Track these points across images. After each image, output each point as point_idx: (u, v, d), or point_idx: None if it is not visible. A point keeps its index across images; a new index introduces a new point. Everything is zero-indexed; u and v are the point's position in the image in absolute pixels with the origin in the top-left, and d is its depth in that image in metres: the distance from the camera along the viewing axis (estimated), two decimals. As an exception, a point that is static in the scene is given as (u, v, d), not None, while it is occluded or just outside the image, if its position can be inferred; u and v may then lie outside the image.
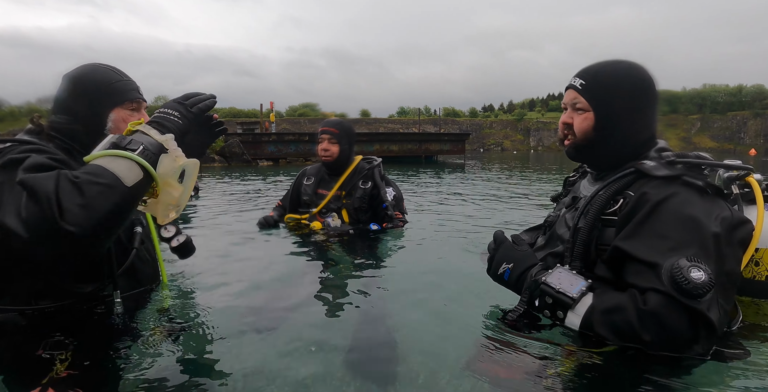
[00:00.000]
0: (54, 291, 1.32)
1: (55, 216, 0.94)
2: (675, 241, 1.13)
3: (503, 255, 1.43)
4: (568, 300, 1.19)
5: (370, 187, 2.93)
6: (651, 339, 1.07)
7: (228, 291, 1.83)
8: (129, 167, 1.06)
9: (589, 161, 1.50)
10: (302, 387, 1.11)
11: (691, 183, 1.21)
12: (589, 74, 1.38)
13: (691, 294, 1.04)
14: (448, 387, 1.13)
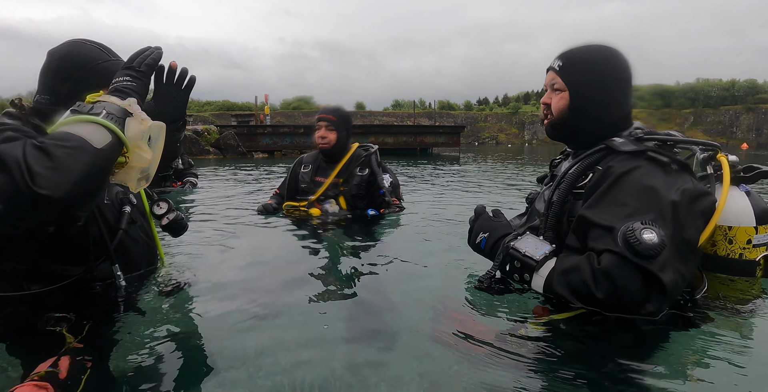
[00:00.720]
0: (43, 275, 1.30)
1: (27, 183, 0.91)
2: (633, 208, 1.20)
3: (480, 226, 1.56)
4: (532, 262, 1.30)
5: (367, 174, 2.99)
6: (604, 297, 1.13)
7: (229, 273, 1.87)
8: (95, 130, 1.03)
9: (565, 139, 1.57)
10: (300, 365, 1.13)
11: (654, 158, 1.30)
12: (567, 56, 1.46)
13: (643, 254, 1.10)
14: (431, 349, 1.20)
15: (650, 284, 1.12)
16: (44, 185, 0.91)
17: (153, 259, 1.66)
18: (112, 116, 1.06)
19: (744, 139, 64.90)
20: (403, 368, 1.12)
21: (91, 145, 1.00)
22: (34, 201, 0.92)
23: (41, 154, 0.94)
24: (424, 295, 1.60)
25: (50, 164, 0.93)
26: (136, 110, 1.12)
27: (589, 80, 1.42)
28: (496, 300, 1.46)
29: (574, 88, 1.44)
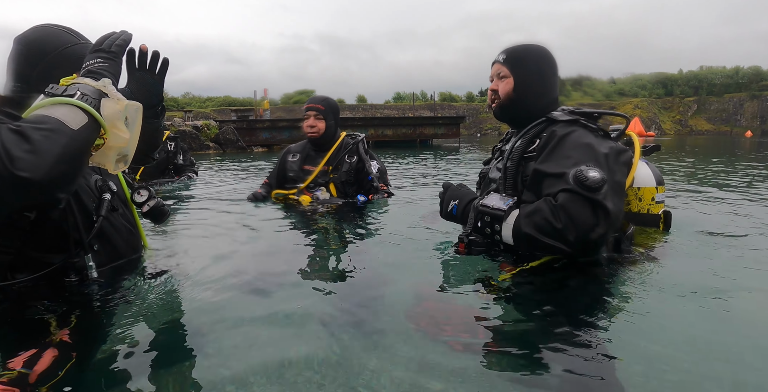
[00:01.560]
0: (28, 264, 1.30)
1: (6, 166, 0.91)
2: (576, 159, 1.50)
3: (450, 195, 1.81)
4: (500, 212, 1.54)
5: (355, 161, 3.03)
6: (562, 226, 1.38)
7: (217, 260, 1.89)
8: (70, 111, 1.03)
9: (511, 117, 1.87)
10: (287, 349, 1.17)
11: (586, 125, 1.68)
12: (510, 51, 1.80)
13: (591, 188, 1.38)
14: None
15: (597, 211, 1.39)
16: (23, 168, 0.92)
17: (137, 247, 1.65)
18: (87, 97, 1.06)
19: (748, 126, 64.40)
20: (391, 351, 1.16)
21: (68, 126, 1.00)
22: (15, 184, 0.92)
23: (18, 137, 0.94)
24: (406, 280, 1.70)
25: (28, 147, 0.93)
26: (111, 90, 1.12)
27: (527, 68, 1.76)
28: (467, 273, 1.63)
29: (517, 74, 1.76)
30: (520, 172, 1.68)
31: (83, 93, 1.06)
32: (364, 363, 1.11)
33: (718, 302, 1.40)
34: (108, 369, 1.11)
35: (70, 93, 1.05)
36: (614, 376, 1.03)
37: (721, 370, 1.07)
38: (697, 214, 2.81)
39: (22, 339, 1.18)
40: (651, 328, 1.25)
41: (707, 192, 3.92)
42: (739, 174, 5.74)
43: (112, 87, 1.13)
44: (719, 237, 2.16)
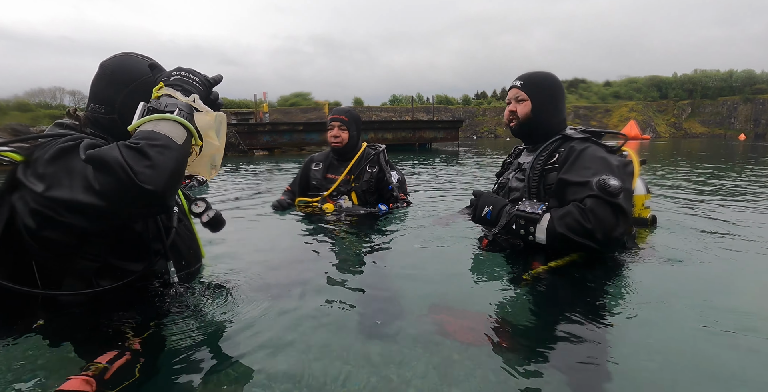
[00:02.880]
0: (111, 272, 1.36)
1: (133, 180, 1.01)
2: (595, 169, 1.79)
3: (484, 202, 2.04)
4: (536, 216, 1.80)
5: (376, 171, 3.16)
6: (592, 226, 1.66)
7: (258, 269, 2.00)
8: (173, 127, 1.14)
9: (527, 135, 2.14)
10: (313, 354, 1.30)
11: (596, 141, 1.98)
12: (525, 77, 2.08)
13: (613, 193, 1.67)
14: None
15: (618, 213, 1.68)
16: (146, 181, 1.02)
17: (199, 256, 1.74)
18: (183, 112, 1.17)
19: (742, 129, 64.96)
20: (410, 354, 1.30)
21: (175, 141, 1.12)
22: (140, 196, 1.03)
23: (137, 154, 1.04)
24: (425, 288, 1.82)
25: (148, 162, 1.04)
26: (200, 105, 1.25)
27: (543, 92, 2.05)
28: (492, 273, 1.90)
29: (534, 98, 2.04)
30: (543, 182, 1.95)
31: (180, 109, 1.18)
32: (388, 365, 1.24)
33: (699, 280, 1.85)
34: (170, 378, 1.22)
35: (171, 109, 1.17)
36: (607, 376, 1.19)
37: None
38: (679, 215, 3.05)
39: (104, 341, 1.27)
40: (651, 320, 1.49)
41: (688, 196, 4.09)
42: (723, 181, 5.91)
43: (200, 102, 1.25)
44: (698, 232, 2.59)
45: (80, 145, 1.16)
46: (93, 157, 1.05)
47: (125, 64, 1.43)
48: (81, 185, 1.08)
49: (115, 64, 1.43)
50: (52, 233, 1.20)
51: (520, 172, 2.10)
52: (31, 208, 1.16)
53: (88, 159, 1.06)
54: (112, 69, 1.42)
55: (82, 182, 1.08)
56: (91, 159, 1.06)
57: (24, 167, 1.21)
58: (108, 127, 1.41)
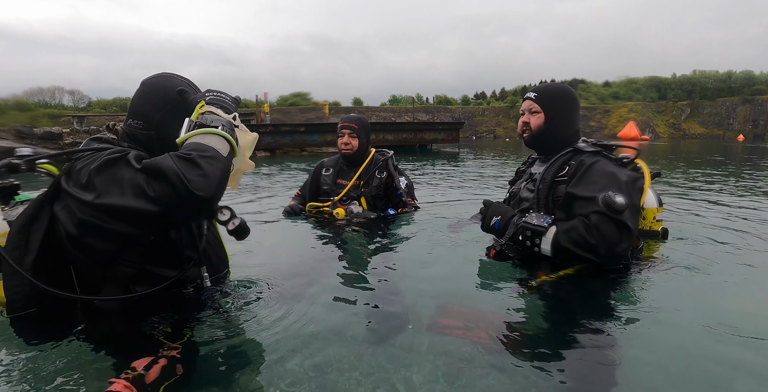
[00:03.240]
0: (147, 278, 1.42)
1: (187, 187, 1.10)
2: (602, 185, 1.81)
3: (493, 212, 2.10)
4: (542, 229, 1.84)
5: (385, 177, 3.25)
6: (596, 242, 1.70)
7: (276, 273, 2.08)
8: (219, 141, 1.24)
9: (539, 146, 2.17)
10: (330, 353, 1.41)
11: (607, 155, 1.98)
12: (540, 90, 2.12)
13: (618, 211, 1.70)
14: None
15: (622, 230, 1.71)
16: (199, 188, 1.12)
17: (226, 262, 1.80)
18: (226, 129, 1.27)
19: (740, 130, 65.09)
20: (418, 357, 1.39)
21: (221, 153, 1.22)
22: (192, 202, 1.13)
23: (190, 164, 1.14)
24: (433, 290, 1.94)
25: (200, 172, 1.13)
26: (239, 123, 1.35)
27: (556, 105, 2.08)
28: (499, 278, 1.99)
29: (547, 110, 2.07)
30: (552, 194, 1.99)
31: (223, 125, 1.27)
32: (398, 363, 1.35)
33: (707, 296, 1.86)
34: (202, 383, 1.30)
35: (216, 125, 1.27)
36: (613, 375, 1.28)
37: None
38: (688, 225, 3.09)
39: (140, 345, 1.34)
40: (658, 331, 1.55)
41: (695, 203, 4.19)
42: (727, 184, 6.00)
43: (239, 120, 1.36)
44: (706, 240, 2.63)
45: (128, 156, 1.23)
46: (150, 166, 1.14)
47: (165, 85, 1.51)
48: (132, 192, 1.15)
49: (156, 84, 1.52)
50: (94, 240, 1.28)
51: (531, 182, 2.13)
52: (77, 217, 1.23)
53: (145, 168, 1.15)
54: (152, 88, 1.51)
55: (132, 190, 1.15)
56: (147, 167, 1.14)
57: (66, 178, 1.28)
58: (144, 141, 1.49)
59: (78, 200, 1.22)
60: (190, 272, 1.55)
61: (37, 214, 1.32)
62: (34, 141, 11.00)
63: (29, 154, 1.49)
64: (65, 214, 1.27)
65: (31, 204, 1.35)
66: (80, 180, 1.23)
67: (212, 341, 1.47)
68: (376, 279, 2.06)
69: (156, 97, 1.49)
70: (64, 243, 1.31)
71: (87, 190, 1.21)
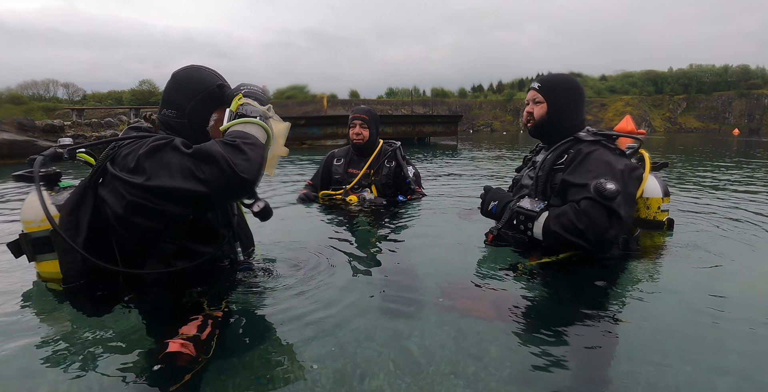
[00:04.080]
0: (187, 253, 1.56)
1: (234, 170, 1.22)
2: (597, 173, 1.83)
3: (491, 197, 2.20)
4: (534, 213, 1.90)
5: (394, 166, 3.44)
6: (584, 227, 1.72)
7: (295, 253, 2.27)
8: (258, 130, 1.37)
9: (543, 136, 2.22)
10: (345, 327, 1.53)
11: (606, 145, 2.00)
12: (544, 80, 2.16)
13: (608, 197, 1.71)
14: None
15: (612, 216, 1.73)
16: (244, 171, 1.24)
17: (252, 240, 1.99)
18: (262, 118, 1.40)
19: (736, 124, 65.23)
20: (428, 323, 1.57)
21: (260, 140, 1.35)
22: (239, 184, 1.25)
23: (235, 150, 1.26)
24: (441, 266, 2.13)
25: (244, 156, 1.26)
26: (273, 114, 1.48)
27: (559, 96, 2.11)
28: (497, 261, 2.11)
29: (550, 101, 2.11)
30: (550, 181, 2.05)
31: (260, 115, 1.41)
32: (411, 333, 1.50)
33: (702, 286, 1.88)
34: (239, 340, 1.49)
35: (254, 115, 1.41)
36: (614, 348, 1.40)
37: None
38: (688, 214, 3.27)
39: (184, 314, 1.46)
40: (649, 310, 1.66)
41: (697, 194, 4.38)
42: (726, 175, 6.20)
43: (273, 111, 1.51)
44: (708, 229, 2.73)
45: (173, 141, 1.33)
46: (200, 150, 1.26)
47: (195, 76, 1.62)
48: (180, 175, 1.26)
49: (187, 75, 1.62)
50: (141, 219, 1.40)
51: (533, 170, 2.19)
52: (126, 199, 1.34)
53: (195, 152, 1.26)
54: (184, 79, 1.61)
55: (181, 172, 1.26)
56: (198, 152, 1.26)
57: (112, 163, 1.41)
58: (178, 130, 1.59)
59: (127, 183, 1.32)
60: (225, 248, 1.72)
61: (82, 198, 1.47)
62: (36, 133, 11.06)
63: (71, 143, 1.64)
64: (113, 197, 1.39)
65: (76, 190, 1.49)
66: (128, 164, 1.34)
67: (246, 308, 1.65)
68: (388, 260, 2.25)
69: (188, 88, 1.59)
70: (109, 224, 1.45)
71: (136, 173, 1.31)
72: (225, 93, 1.60)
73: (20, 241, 1.64)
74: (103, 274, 1.50)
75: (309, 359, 1.36)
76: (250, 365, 1.34)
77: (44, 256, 1.64)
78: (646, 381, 1.24)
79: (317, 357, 1.37)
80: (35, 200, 1.55)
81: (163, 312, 1.56)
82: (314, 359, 1.36)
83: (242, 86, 1.56)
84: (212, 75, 1.65)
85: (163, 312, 1.56)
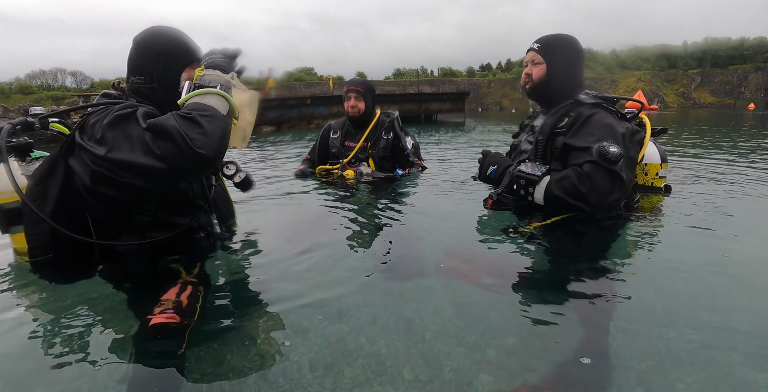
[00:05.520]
0: (161, 225, 1.51)
1: (189, 145, 1.14)
2: (599, 136, 1.79)
3: (489, 161, 2.15)
4: (535, 178, 1.87)
5: (391, 138, 3.32)
6: (586, 190, 1.70)
7: (287, 225, 2.24)
8: (218, 100, 1.27)
9: (541, 98, 2.15)
10: (344, 295, 1.51)
11: (607, 108, 1.96)
12: (543, 40, 2.09)
13: (611, 160, 1.69)
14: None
15: (614, 180, 1.70)
16: (201, 146, 1.16)
17: (232, 212, 1.92)
18: (224, 88, 1.31)
19: (752, 98, 63.85)
20: (424, 290, 1.53)
21: (220, 112, 1.25)
22: (196, 159, 1.17)
23: (191, 123, 1.18)
24: (439, 238, 2.06)
25: (201, 130, 1.17)
26: (237, 82, 1.38)
27: (558, 56, 2.04)
28: (496, 226, 2.05)
29: (549, 61, 2.05)
30: (550, 145, 1.99)
31: (221, 84, 1.31)
32: (409, 299, 1.47)
33: (695, 245, 1.91)
34: (223, 304, 1.47)
35: (213, 85, 1.30)
36: (613, 314, 1.37)
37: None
38: (691, 182, 3.15)
39: (161, 281, 1.44)
40: (650, 273, 1.62)
41: (700, 161, 4.24)
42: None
43: (237, 79, 1.41)
44: (707, 196, 2.67)
45: (137, 112, 1.26)
46: (154, 125, 1.18)
47: (156, 38, 1.54)
48: (140, 149, 1.19)
49: (148, 38, 1.54)
50: (108, 190, 1.34)
51: (532, 134, 2.13)
52: (91, 169, 1.29)
53: (150, 127, 1.19)
54: (146, 43, 1.54)
55: (141, 146, 1.19)
56: (152, 127, 1.18)
57: (80, 132, 1.34)
58: (149, 96, 1.53)
59: (91, 153, 1.27)
60: (201, 219, 1.66)
61: (52, 168, 1.40)
62: (42, 118, 11.09)
63: (42, 112, 1.56)
64: (80, 167, 1.33)
65: (46, 159, 1.43)
66: (94, 134, 1.28)
67: (227, 277, 1.61)
68: (386, 230, 2.17)
69: (151, 52, 1.52)
70: (80, 194, 1.39)
71: (100, 144, 1.26)
72: (193, 50, 1.53)
73: None
74: (75, 246, 1.45)
75: (302, 325, 1.34)
76: (242, 333, 1.32)
77: (18, 228, 1.60)
78: (648, 349, 1.18)
79: (313, 321, 1.35)
80: (3, 171, 1.49)
81: (138, 281, 1.53)
82: (309, 323, 1.35)
83: (208, 55, 1.45)
84: (174, 34, 1.57)
85: (139, 280, 1.53)
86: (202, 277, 1.51)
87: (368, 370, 1.14)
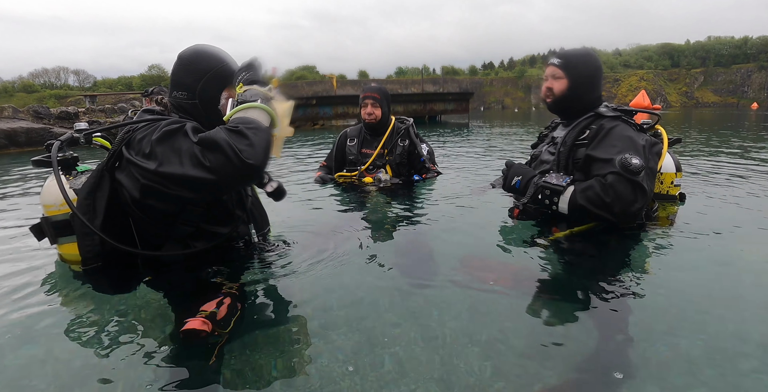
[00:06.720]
0: (203, 235, 1.58)
1: (239, 156, 1.20)
2: (621, 148, 1.89)
3: (514, 172, 2.21)
4: (560, 188, 1.95)
5: (407, 144, 3.40)
6: (610, 201, 1.79)
7: (313, 232, 2.29)
8: (260, 113, 1.35)
9: (562, 111, 2.26)
10: (364, 298, 1.59)
11: (627, 120, 2.06)
12: (563, 56, 2.18)
13: (633, 172, 1.79)
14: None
15: (637, 190, 1.80)
16: (249, 157, 1.22)
17: (267, 220, 1.99)
18: (264, 101, 1.38)
19: (755, 98, 63.63)
20: (445, 296, 1.58)
21: (262, 124, 1.32)
22: (246, 170, 1.23)
23: (239, 135, 1.25)
24: (458, 245, 2.13)
25: (248, 142, 1.24)
26: (276, 94, 1.45)
27: (579, 71, 2.14)
28: (519, 234, 2.12)
29: (571, 76, 2.14)
30: (572, 156, 2.07)
31: (261, 98, 1.38)
32: (428, 306, 1.52)
33: (718, 251, 1.97)
34: (262, 316, 1.51)
35: (255, 99, 1.38)
36: (629, 321, 1.40)
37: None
38: (702, 188, 3.22)
39: (203, 292, 1.48)
40: (669, 280, 1.67)
41: (714, 169, 4.30)
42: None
43: (275, 91, 1.46)
44: (721, 204, 2.72)
45: (185, 127, 1.34)
46: (205, 139, 1.25)
47: (201, 56, 1.60)
48: (190, 162, 1.25)
49: (193, 55, 1.60)
50: (156, 202, 1.43)
51: (553, 145, 2.22)
52: (141, 183, 1.36)
53: (201, 141, 1.26)
54: (190, 59, 1.60)
55: (190, 160, 1.25)
56: (203, 141, 1.25)
57: (127, 147, 1.42)
58: (191, 111, 1.59)
59: (141, 168, 1.34)
60: (240, 229, 1.74)
61: (99, 182, 1.49)
62: (51, 121, 11.16)
63: (87, 128, 1.65)
64: (129, 181, 1.41)
65: (93, 174, 1.51)
66: (143, 149, 1.35)
67: (265, 286, 1.67)
68: (407, 236, 2.25)
69: (195, 68, 1.58)
70: (127, 207, 1.48)
71: (150, 158, 1.33)
72: (233, 72, 1.57)
73: (42, 225, 1.67)
74: (122, 256, 1.53)
75: (329, 333, 1.38)
76: (274, 339, 1.37)
77: (65, 239, 1.68)
78: (664, 357, 1.23)
79: (337, 330, 1.39)
80: (54, 184, 1.59)
81: (181, 291, 1.58)
82: (334, 332, 1.38)
83: (243, 71, 1.50)
84: (218, 53, 1.64)
85: (182, 291, 1.58)
86: (243, 292, 1.56)
87: (393, 372, 1.19)
